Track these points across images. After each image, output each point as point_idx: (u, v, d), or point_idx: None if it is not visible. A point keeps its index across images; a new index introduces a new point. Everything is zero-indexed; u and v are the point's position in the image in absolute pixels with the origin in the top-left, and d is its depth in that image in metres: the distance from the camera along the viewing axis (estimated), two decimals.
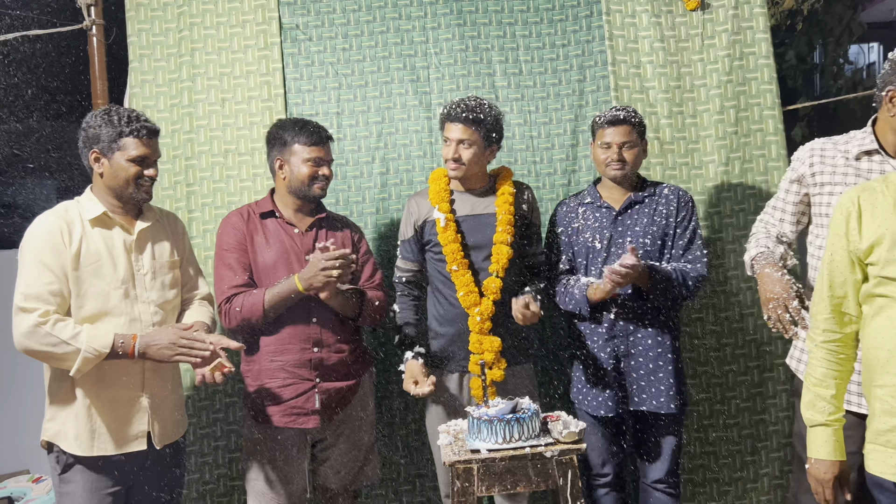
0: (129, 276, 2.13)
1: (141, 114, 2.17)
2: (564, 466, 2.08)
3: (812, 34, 4.70)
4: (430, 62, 2.99)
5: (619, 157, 2.47)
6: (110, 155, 2.11)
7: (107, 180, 2.13)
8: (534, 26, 3.01)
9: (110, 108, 2.15)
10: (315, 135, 2.40)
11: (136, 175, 2.13)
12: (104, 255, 2.10)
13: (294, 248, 2.41)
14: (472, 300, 2.44)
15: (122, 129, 2.10)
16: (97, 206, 2.13)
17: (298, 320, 2.35)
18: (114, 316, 2.08)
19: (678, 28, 2.99)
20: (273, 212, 2.45)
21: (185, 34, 2.90)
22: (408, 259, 2.58)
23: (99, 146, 2.11)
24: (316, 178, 2.40)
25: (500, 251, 2.46)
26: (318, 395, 2.36)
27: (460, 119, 2.41)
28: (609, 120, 2.47)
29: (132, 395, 2.12)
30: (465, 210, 2.52)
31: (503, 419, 2.08)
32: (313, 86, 2.96)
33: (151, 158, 2.16)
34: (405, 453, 2.92)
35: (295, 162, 2.39)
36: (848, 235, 1.73)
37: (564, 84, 3.00)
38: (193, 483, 2.79)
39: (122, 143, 2.10)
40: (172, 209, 2.85)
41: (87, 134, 2.13)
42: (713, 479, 2.93)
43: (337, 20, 2.97)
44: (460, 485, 2.07)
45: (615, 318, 2.48)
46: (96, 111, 2.17)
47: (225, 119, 2.90)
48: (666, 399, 2.45)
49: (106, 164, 2.12)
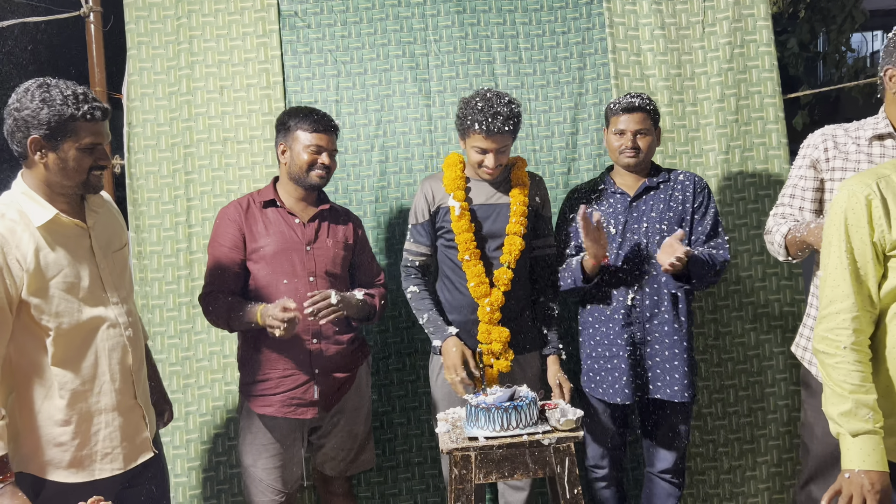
0: (96, 281, 1.88)
1: (88, 90, 1.80)
2: (562, 454, 2.09)
3: (814, 22, 4.67)
4: (430, 49, 2.98)
5: (633, 144, 2.46)
6: (56, 143, 1.75)
7: (52, 173, 1.78)
8: (534, 14, 2.99)
9: (48, 83, 1.76)
10: (318, 122, 2.37)
11: (89, 166, 1.80)
12: (65, 263, 1.81)
13: (295, 238, 2.38)
14: (483, 290, 2.43)
15: (71, 111, 1.73)
16: (45, 209, 1.78)
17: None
18: (91, 328, 1.86)
19: (679, 15, 2.97)
20: (274, 200, 2.42)
21: (184, 21, 2.88)
22: (420, 243, 2.53)
23: (40, 131, 1.73)
24: (314, 166, 2.38)
25: (514, 242, 2.44)
26: (317, 386, 2.37)
27: (503, 132, 2.34)
28: (624, 107, 2.46)
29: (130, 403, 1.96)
30: (480, 199, 2.49)
31: (501, 407, 2.09)
32: (312, 73, 2.95)
33: (104, 144, 1.83)
34: (403, 441, 2.93)
35: (296, 148, 2.37)
36: (872, 224, 1.62)
37: (564, 72, 2.98)
38: (193, 471, 2.80)
39: (72, 127, 1.74)
40: (171, 198, 2.85)
41: (21, 116, 1.73)
42: (711, 468, 2.94)
43: (336, 7, 2.96)
44: (458, 472, 2.07)
45: (632, 304, 2.48)
46: (29, 85, 1.76)
47: (223, 107, 2.89)
48: (680, 388, 2.45)
49: (51, 155, 1.76)
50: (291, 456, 2.41)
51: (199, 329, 2.81)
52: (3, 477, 1.69)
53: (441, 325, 2.45)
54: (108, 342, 1.89)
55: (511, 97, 2.40)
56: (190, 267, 2.83)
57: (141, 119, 2.86)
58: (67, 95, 1.74)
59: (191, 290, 2.82)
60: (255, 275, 2.37)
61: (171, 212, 2.85)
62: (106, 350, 1.89)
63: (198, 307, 2.79)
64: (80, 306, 1.83)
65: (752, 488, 2.94)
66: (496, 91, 2.40)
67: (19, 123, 1.74)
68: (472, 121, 2.35)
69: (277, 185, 2.47)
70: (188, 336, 2.83)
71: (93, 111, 1.77)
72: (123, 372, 1.93)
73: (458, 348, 2.38)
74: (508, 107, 2.35)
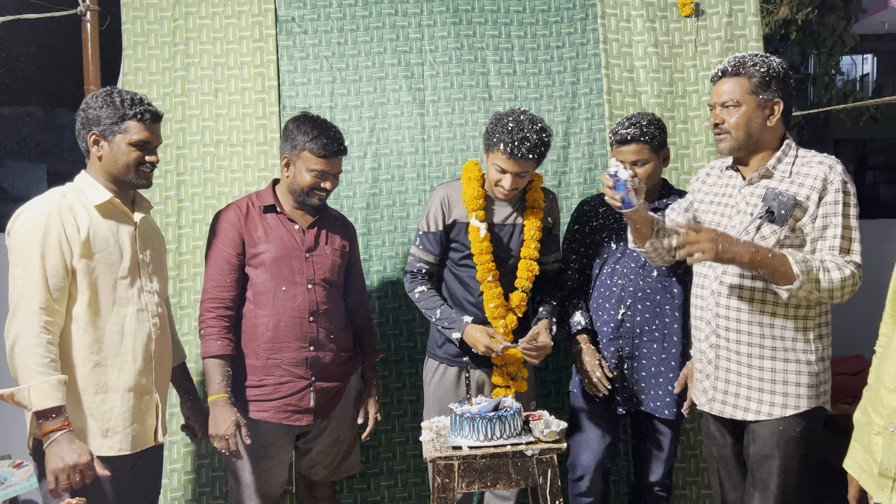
0: (135, 266, 2.09)
1: (144, 97, 2.10)
2: (545, 465, 2.10)
3: (805, 44, 4.74)
4: (425, 59, 3.00)
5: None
6: (111, 138, 2.03)
7: (106, 164, 2.05)
8: (529, 27, 3.02)
9: (112, 90, 2.07)
10: (326, 148, 2.30)
11: (137, 160, 2.06)
12: (112, 242, 2.03)
13: (294, 245, 2.37)
14: (500, 313, 2.44)
15: (125, 111, 2.03)
16: (102, 192, 2.05)
17: (295, 318, 2.34)
18: (121, 306, 2.04)
19: (672, 34, 3.01)
20: (275, 206, 2.39)
21: (180, 23, 2.89)
22: (429, 252, 2.51)
23: (99, 128, 2.03)
24: (316, 188, 2.34)
25: (530, 267, 2.45)
26: (314, 393, 2.36)
27: (526, 158, 2.31)
28: (619, 139, 2.42)
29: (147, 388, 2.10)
30: (497, 218, 2.47)
31: (485, 416, 2.10)
32: (307, 79, 2.96)
33: (153, 144, 2.10)
34: (387, 448, 2.93)
35: (300, 167, 2.32)
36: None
37: (558, 85, 3.01)
38: (175, 473, 2.79)
39: (125, 125, 2.03)
40: (162, 198, 2.85)
41: (87, 115, 2.04)
42: (693, 482, 2.95)
43: (333, 14, 2.98)
44: (440, 481, 2.08)
45: (622, 319, 2.49)
46: (97, 92, 2.08)
47: (218, 109, 2.90)
48: (663, 404, 2.46)
49: (106, 147, 2.04)
50: (280, 461, 2.40)
51: (185, 331, 2.80)
52: (60, 425, 1.86)
53: (456, 316, 2.43)
54: (134, 324, 2.06)
55: (544, 125, 2.35)
56: (179, 268, 2.82)
57: None
58: (125, 99, 2.05)
59: (179, 291, 2.82)
60: (254, 280, 2.35)
61: (161, 212, 2.84)
62: (132, 331, 2.06)
63: (186, 308, 2.80)
64: (116, 282, 2.04)
65: None
66: (531, 115, 2.35)
67: (84, 122, 2.05)
68: (499, 140, 2.31)
69: (277, 188, 2.43)
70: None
71: (143, 113, 2.06)
72: (146, 356, 2.09)
73: (480, 332, 2.36)
74: (539, 135, 2.31)
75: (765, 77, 2.07)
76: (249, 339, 2.35)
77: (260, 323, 2.33)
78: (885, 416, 1.62)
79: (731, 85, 2.10)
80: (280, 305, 2.33)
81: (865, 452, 1.70)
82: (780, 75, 2.09)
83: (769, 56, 2.13)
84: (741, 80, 2.09)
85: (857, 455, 1.74)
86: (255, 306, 2.33)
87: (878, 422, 1.65)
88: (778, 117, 2.10)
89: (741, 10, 3.00)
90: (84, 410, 1.98)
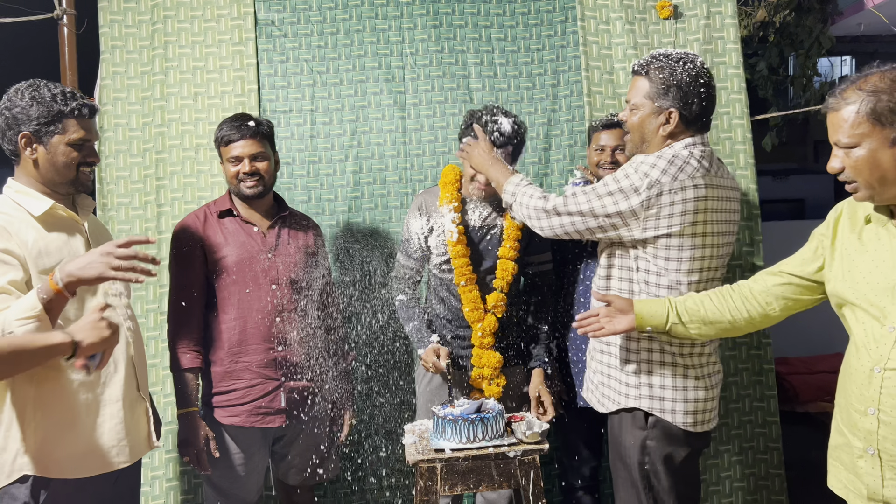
0: None
1: (76, 90, 1.91)
2: (527, 466, 2.10)
3: (784, 46, 4.78)
4: (406, 62, 3.00)
5: (612, 159, 2.50)
6: (47, 139, 1.84)
7: (43, 169, 1.85)
8: (509, 30, 3.03)
9: (36, 83, 1.86)
10: (230, 132, 2.31)
11: (77, 161, 1.88)
12: (66, 254, 1.85)
13: (254, 247, 2.36)
14: (478, 316, 2.43)
15: (60, 107, 1.83)
16: (42, 200, 1.85)
17: (261, 318, 2.33)
18: None
19: (651, 36, 3.03)
20: (231, 210, 2.40)
21: (159, 27, 2.87)
22: (412, 258, 2.53)
23: (30, 127, 1.82)
24: (239, 177, 2.32)
25: (506, 267, 2.44)
26: (284, 393, 2.35)
27: (503, 146, 2.33)
28: (604, 124, 2.50)
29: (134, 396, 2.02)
30: (475, 220, 2.48)
31: (467, 419, 2.10)
32: (287, 82, 2.95)
33: (92, 141, 1.92)
34: (369, 451, 2.92)
35: (225, 162, 2.36)
36: None
37: (538, 88, 3.02)
38: (157, 480, 2.76)
39: (62, 125, 1.84)
40: (142, 203, 2.83)
41: (13, 113, 1.82)
42: None
43: (313, 17, 2.97)
44: (423, 484, 2.07)
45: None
46: (19, 86, 1.86)
47: (197, 113, 2.88)
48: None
49: (41, 150, 1.84)
50: (255, 465, 2.39)
51: (164, 337, 2.77)
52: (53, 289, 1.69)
53: (425, 335, 2.45)
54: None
55: (517, 119, 2.36)
56: (158, 274, 2.80)
57: (113, 123, 2.84)
58: (56, 93, 1.84)
59: (159, 296, 2.79)
60: (218, 285, 2.35)
61: (140, 217, 2.82)
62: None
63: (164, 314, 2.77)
64: (81, 294, 1.85)
65: (727, 488, 2.98)
66: (503, 109, 2.37)
67: (10, 121, 1.83)
68: (470, 133, 2.35)
69: (233, 194, 2.44)
70: (155, 343, 2.80)
71: (80, 108, 1.86)
72: (126, 363, 1.98)
73: (433, 354, 2.34)
74: (512, 126, 2.32)
75: (662, 84, 1.98)
76: (216, 348, 2.34)
77: (225, 328, 2.33)
78: (862, 438, 1.59)
79: (635, 84, 2.05)
80: (245, 308, 2.32)
81: (850, 473, 1.66)
82: (682, 83, 1.97)
83: (683, 58, 2.00)
84: (643, 82, 2.03)
85: (841, 475, 1.70)
86: (221, 311, 2.33)
87: (857, 444, 1.62)
88: (672, 127, 2.00)
89: (719, 13, 3.03)
90: (76, 433, 1.86)
